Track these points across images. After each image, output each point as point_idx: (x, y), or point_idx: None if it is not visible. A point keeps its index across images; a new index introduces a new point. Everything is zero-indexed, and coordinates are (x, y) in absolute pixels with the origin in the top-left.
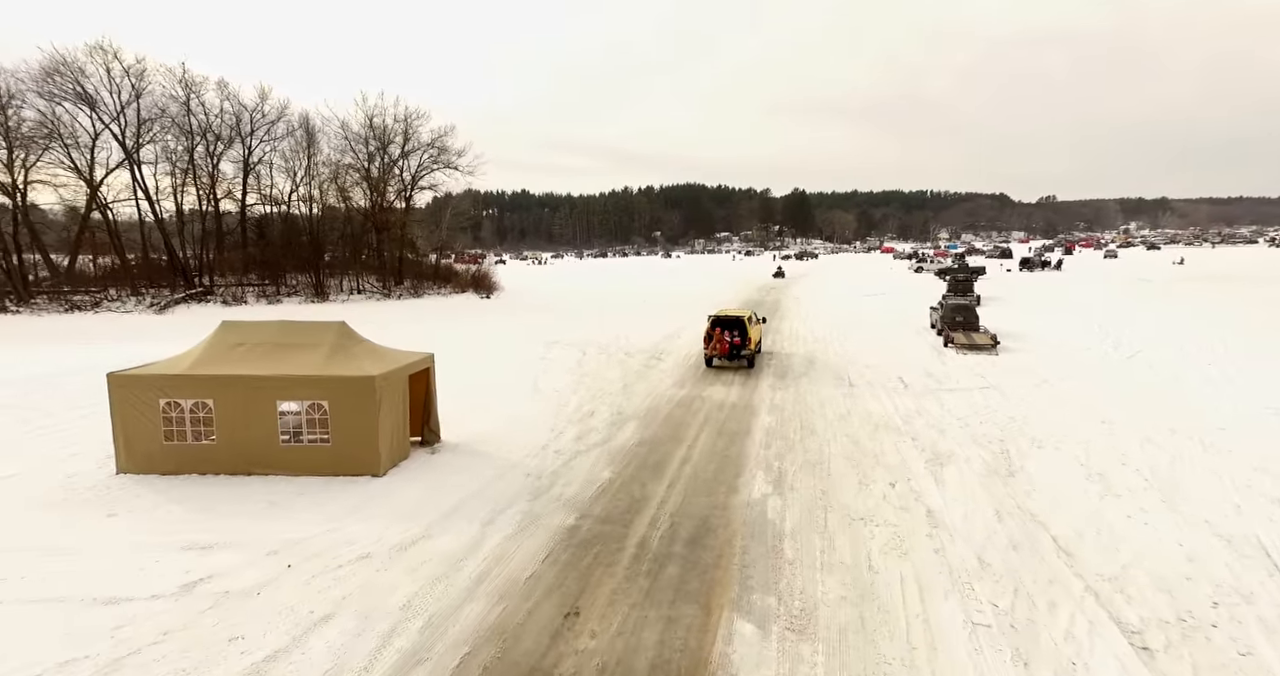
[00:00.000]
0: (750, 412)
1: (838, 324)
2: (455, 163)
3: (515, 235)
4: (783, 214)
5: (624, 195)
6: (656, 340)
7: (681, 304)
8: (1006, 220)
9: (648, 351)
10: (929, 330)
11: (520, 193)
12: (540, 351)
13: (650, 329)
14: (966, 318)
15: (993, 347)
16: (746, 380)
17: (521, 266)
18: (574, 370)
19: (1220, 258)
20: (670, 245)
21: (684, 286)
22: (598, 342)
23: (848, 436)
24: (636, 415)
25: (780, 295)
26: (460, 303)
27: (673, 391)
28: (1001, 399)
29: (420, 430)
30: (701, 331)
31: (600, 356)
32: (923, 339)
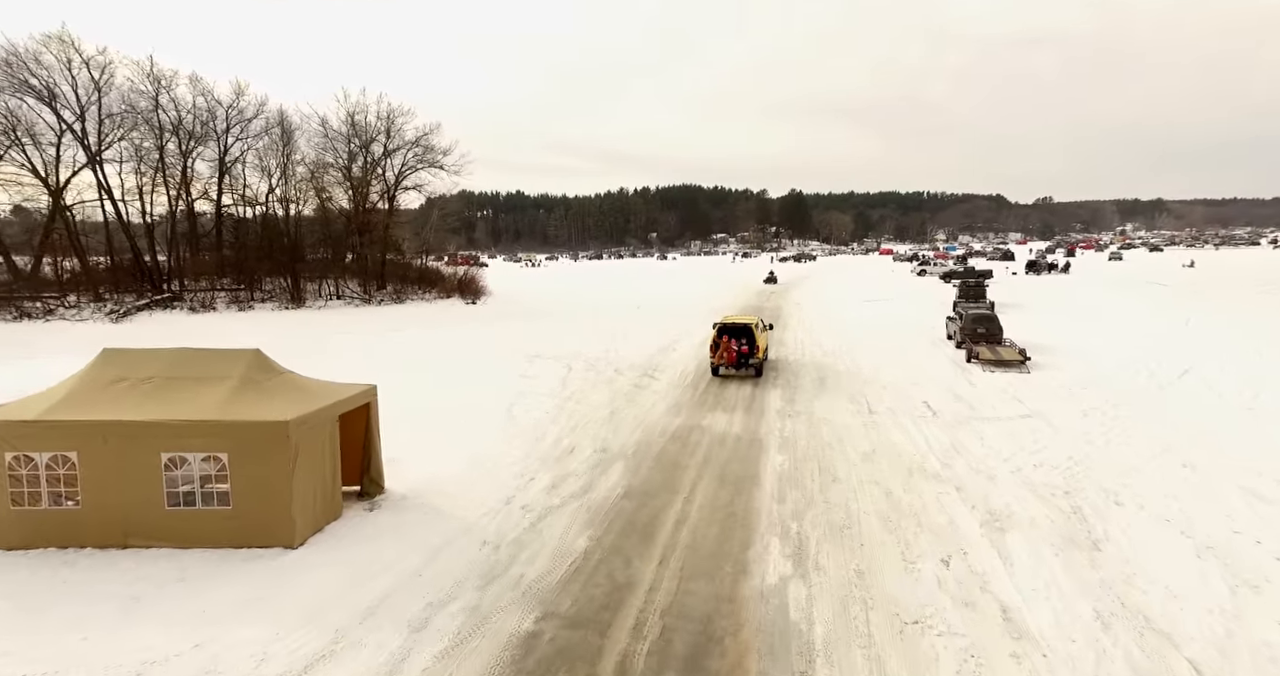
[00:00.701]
0: (757, 448)
1: (845, 333)
2: (441, 161)
3: (510, 236)
4: (779, 215)
5: (620, 196)
6: (650, 353)
7: (677, 310)
8: (1003, 221)
9: (640, 367)
10: (946, 342)
11: (515, 194)
12: (521, 367)
13: (643, 340)
14: (989, 329)
15: (1022, 364)
16: (751, 404)
17: (515, 269)
18: (556, 392)
19: (1228, 260)
20: (666, 247)
21: (680, 291)
22: (585, 356)
23: (877, 485)
24: (624, 453)
25: (781, 301)
26: (444, 309)
27: (667, 420)
28: (1050, 432)
29: (358, 479)
30: (699, 342)
31: (587, 374)
32: (941, 352)
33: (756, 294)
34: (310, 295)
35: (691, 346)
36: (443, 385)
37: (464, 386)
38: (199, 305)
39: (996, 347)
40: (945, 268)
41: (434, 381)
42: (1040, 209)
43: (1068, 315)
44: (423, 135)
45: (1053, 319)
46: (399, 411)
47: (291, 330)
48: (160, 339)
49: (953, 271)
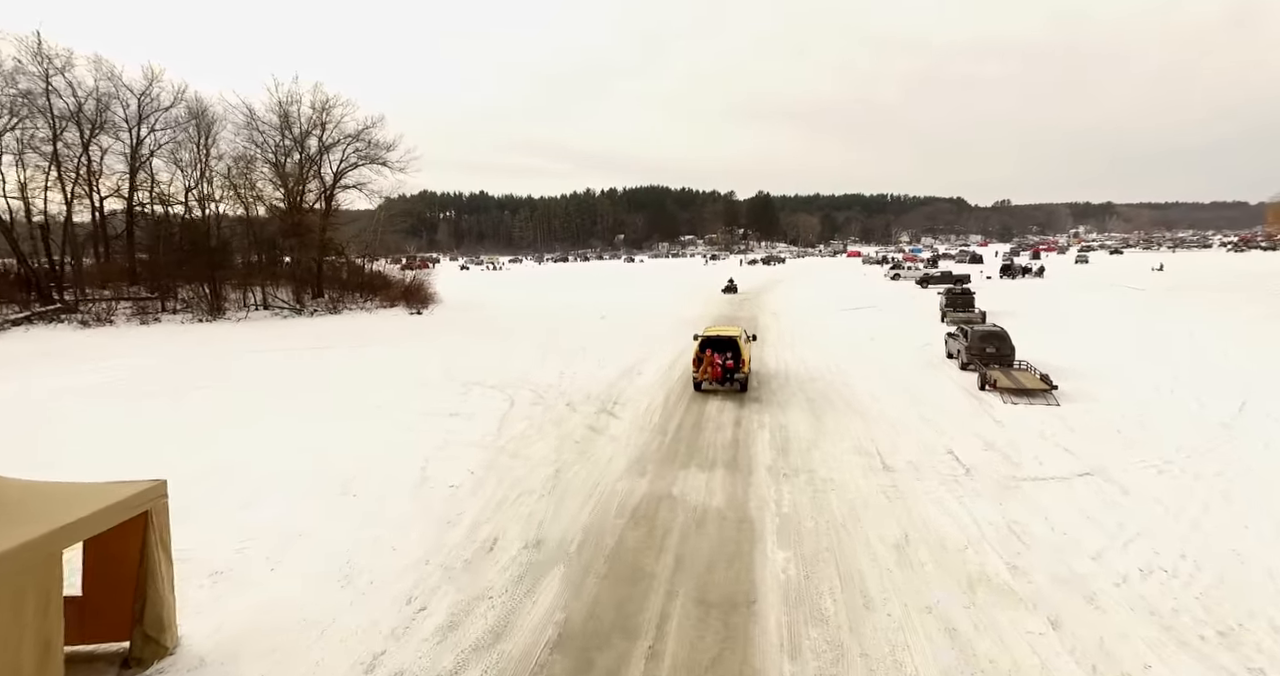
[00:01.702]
0: (748, 536)
1: (831, 350)
2: (384, 157)
3: (473, 238)
4: (747, 217)
5: (586, 197)
6: (611, 378)
7: (645, 321)
8: (964, 223)
9: (598, 399)
10: (947, 361)
11: (478, 194)
12: (453, 401)
13: (605, 359)
14: (999, 348)
15: (1048, 393)
16: (735, 456)
17: (475, 271)
18: (489, 439)
19: (1190, 263)
20: (634, 248)
21: (648, 297)
22: (534, 384)
23: (930, 613)
24: (565, 549)
25: (755, 309)
26: (384, 320)
27: (628, 485)
28: (1129, 503)
29: (127, 632)
30: (668, 362)
31: (533, 410)
32: (945, 374)
33: (728, 302)
34: (234, 305)
35: (660, 368)
36: (343, 432)
37: (373, 432)
38: (94, 318)
39: (1013, 373)
40: (919, 271)
41: (334, 426)
42: (999, 211)
43: (1066, 326)
44: (364, 128)
45: (1053, 331)
46: (273, 475)
47: (190, 349)
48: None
49: (929, 276)
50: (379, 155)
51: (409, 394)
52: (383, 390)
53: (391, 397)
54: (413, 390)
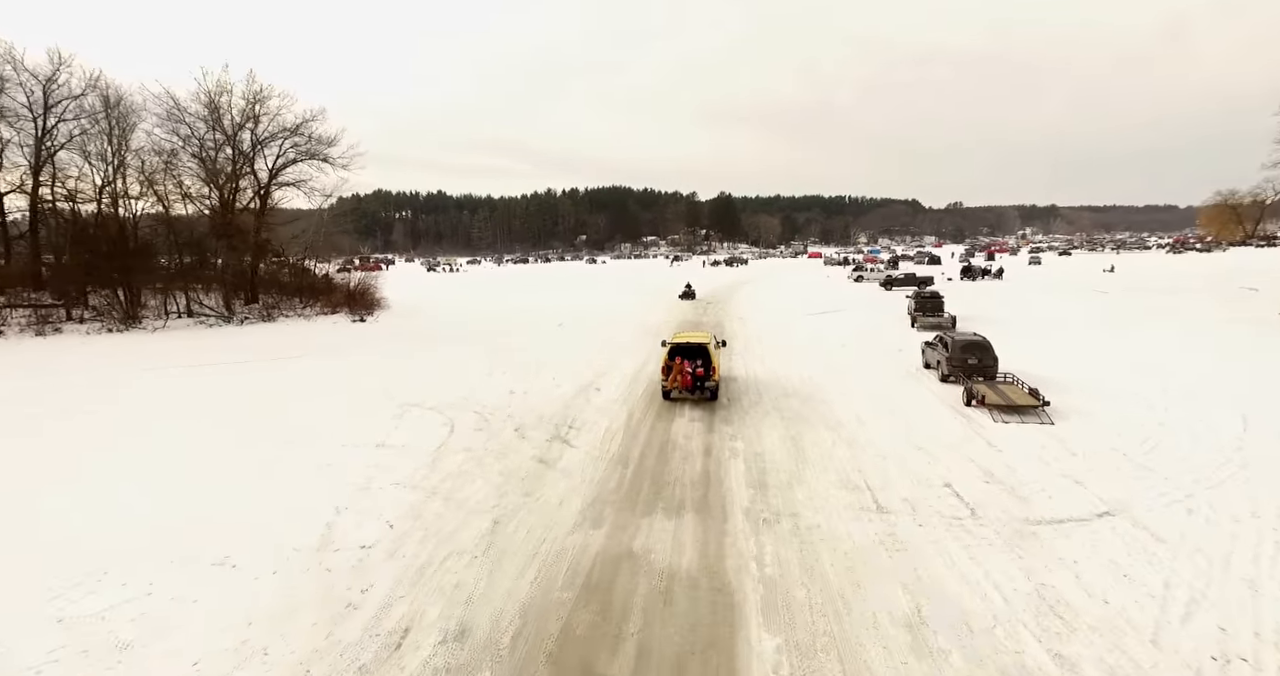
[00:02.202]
0: (728, 618)
1: (804, 359)
2: (326, 153)
3: (431, 238)
4: (709, 218)
5: (547, 197)
6: (567, 397)
7: (606, 327)
8: (919, 225)
9: (551, 422)
10: (926, 372)
11: (436, 194)
12: (384, 428)
13: (560, 374)
14: (982, 359)
15: (1040, 410)
16: (706, 496)
17: (431, 273)
18: (420, 478)
19: (1136, 265)
20: (596, 249)
21: (610, 301)
22: (480, 405)
23: None
24: (495, 643)
25: (721, 314)
26: (322, 329)
27: (580, 540)
28: (1164, 551)
29: None
30: (631, 375)
31: (475, 437)
32: (925, 387)
33: (691, 307)
34: (153, 313)
35: (622, 383)
36: (240, 472)
37: (278, 473)
38: None
39: (1000, 387)
40: (881, 273)
41: (228, 464)
42: (952, 213)
43: (1039, 332)
44: (303, 122)
45: (1027, 337)
46: (124, 541)
47: (79, 366)
48: None
49: (893, 278)
50: (320, 151)
51: (334, 419)
52: (302, 415)
53: (311, 425)
54: (339, 414)
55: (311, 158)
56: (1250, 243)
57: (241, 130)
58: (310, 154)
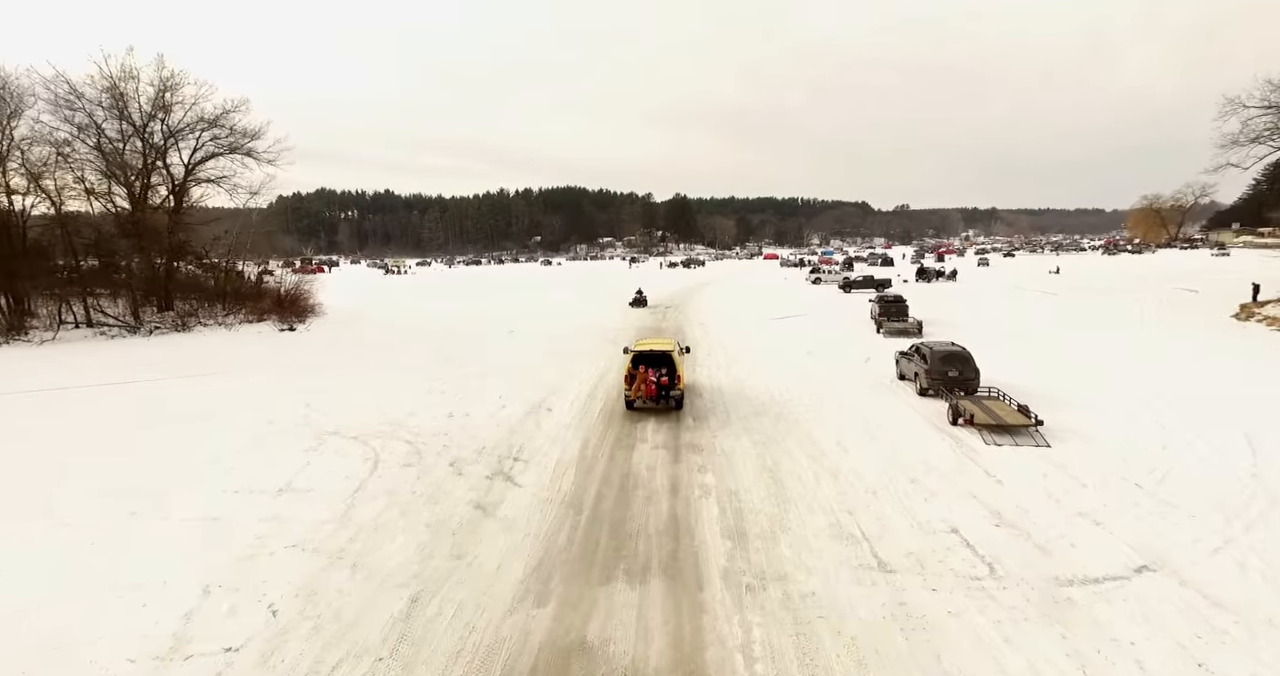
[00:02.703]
0: None
1: (772, 370)
2: (249, 147)
3: (378, 239)
4: (665, 219)
5: (500, 197)
6: (515, 419)
7: (561, 335)
8: (869, 226)
9: (495, 452)
10: (901, 385)
11: (384, 193)
12: (292, 466)
13: (510, 391)
14: (963, 372)
15: (1032, 429)
16: (675, 552)
17: (377, 276)
18: (324, 534)
19: (1078, 266)
20: (551, 250)
21: (566, 306)
22: (414, 431)
23: None
24: None
25: (681, 319)
26: (244, 339)
27: (520, 627)
28: (1231, 624)
29: None
30: (588, 392)
31: (402, 476)
32: (903, 402)
33: (650, 311)
34: (44, 322)
35: (577, 401)
36: (97, 533)
37: (144, 534)
38: None
39: (987, 404)
40: (838, 275)
41: (85, 519)
42: (900, 215)
43: (1007, 337)
44: (224, 113)
45: (996, 344)
46: None
47: None
48: None
49: (851, 281)
50: (242, 144)
51: (230, 456)
52: (191, 451)
53: (199, 464)
54: (239, 449)
55: (233, 152)
56: (1174, 245)
57: (152, 121)
58: (232, 148)
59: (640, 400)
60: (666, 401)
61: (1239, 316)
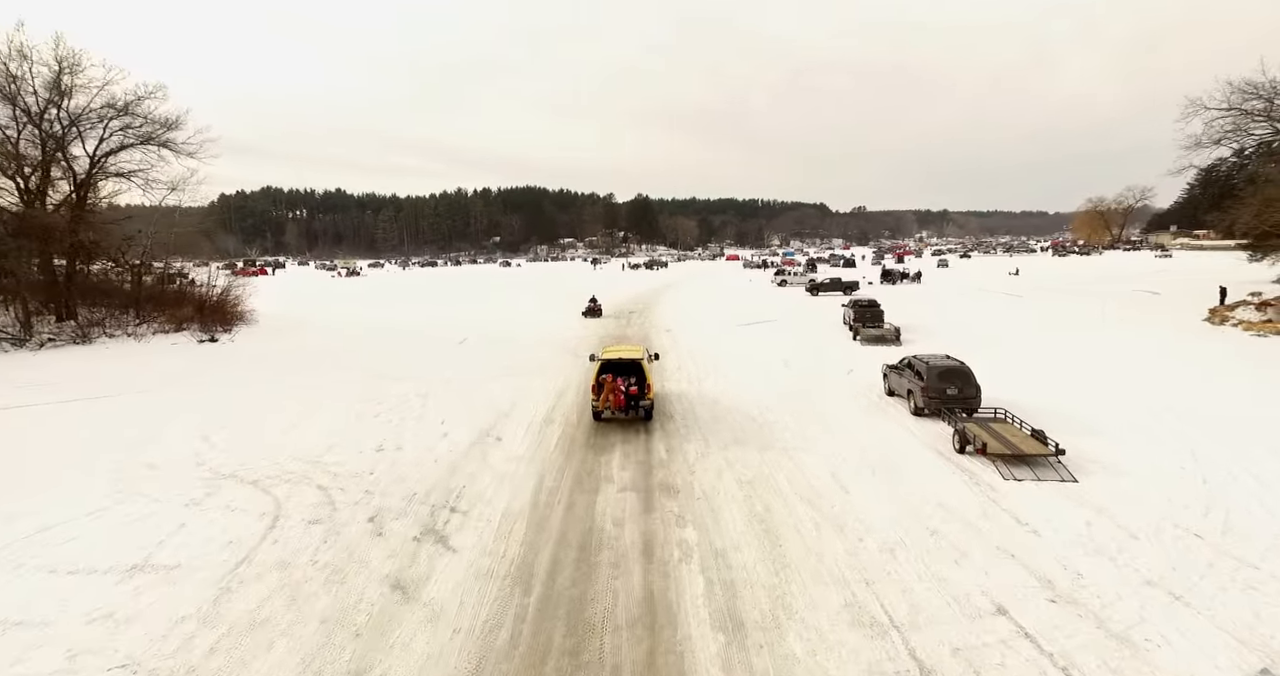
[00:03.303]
0: None
1: (747, 385)
2: (166, 138)
3: (329, 239)
4: (627, 219)
5: (458, 197)
6: (457, 453)
7: (516, 345)
8: (828, 227)
9: (427, 500)
10: (891, 401)
11: (335, 192)
12: (162, 525)
13: (455, 413)
14: (963, 390)
15: (1053, 459)
16: (654, 643)
17: (325, 278)
18: (173, 646)
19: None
20: (510, 252)
21: (524, 311)
22: (331, 470)
23: None
24: None
25: (647, 326)
26: (154, 353)
27: None
28: None
29: None
30: (544, 415)
31: (304, 538)
32: (896, 423)
33: (614, 318)
34: None
35: (532, 427)
36: None
37: None
38: None
39: (996, 428)
40: (803, 276)
41: None
42: (857, 217)
43: (988, 344)
44: (136, 100)
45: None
46: None
47: None
48: None
49: (818, 283)
50: (158, 135)
51: (82, 516)
52: (29, 508)
53: (28, 531)
54: (97, 504)
55: (147, 143)
56: (1117, 246)
57: (50, 106)
58: (147, 138)
59: (609, 411)
60: (636, 411)
61: (1212, 320)
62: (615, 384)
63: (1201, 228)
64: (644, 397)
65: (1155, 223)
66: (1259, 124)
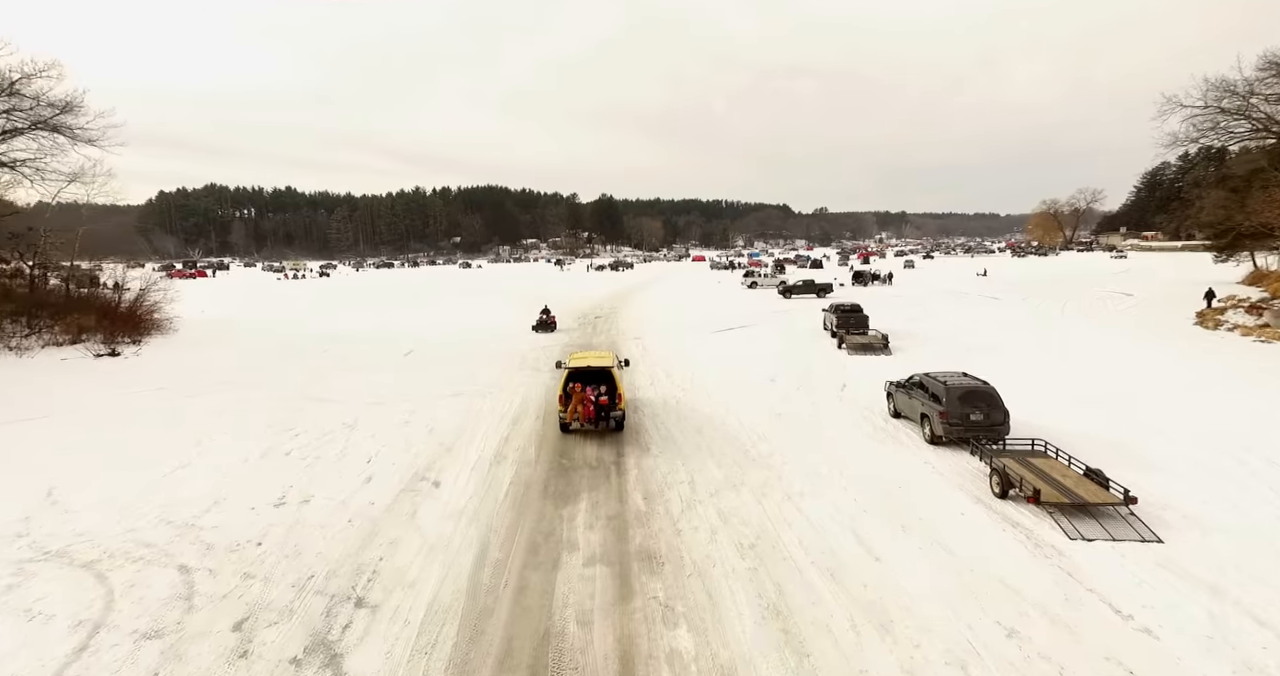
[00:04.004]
0: None
1: (731, 407)
2: (59, 122)
3: (279, 240)
4: (591, 220)
5: (416, 196)
6: (379, 505)
7: (471, 353)
8: (790, 228)
9: (327, 584)
10: (897, 424)
11: (285, 190)
12: None
13: (384, 447)
14: (989, 415)
15: (1124, 507)
16: None
17: (269, 281)
18: None
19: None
20: (471, 252)
21: (483, 316)
22: (201, 540)
23: None
24: None
25: (615, 333)
26: (29, 373)
27: None
28: None
29: None
30: (494, 449)
31: (124, 667)
32: (913, 455)
33: (579, 324)
34: None
35: (479, 468)
36: None
37: None
38: None
39: (1038, 465)
40: (774, 278)
41: None
42: (819, 218)
43: (972, 350)
44: (20, 79)
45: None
46: None
47: None
48: None
49: (792, 286)
50: (49, 118)
51: None
52: None
53: None
54: None
55: (37, 127)
56: (1071, 247)
57: None
58: (36, 122)
59: (577, 422)
60: (606, 422)
61: (1204, 324)
62: (584, 394)
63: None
64: (615, 408)
65: (1105, 224)
66: (1237, 122)
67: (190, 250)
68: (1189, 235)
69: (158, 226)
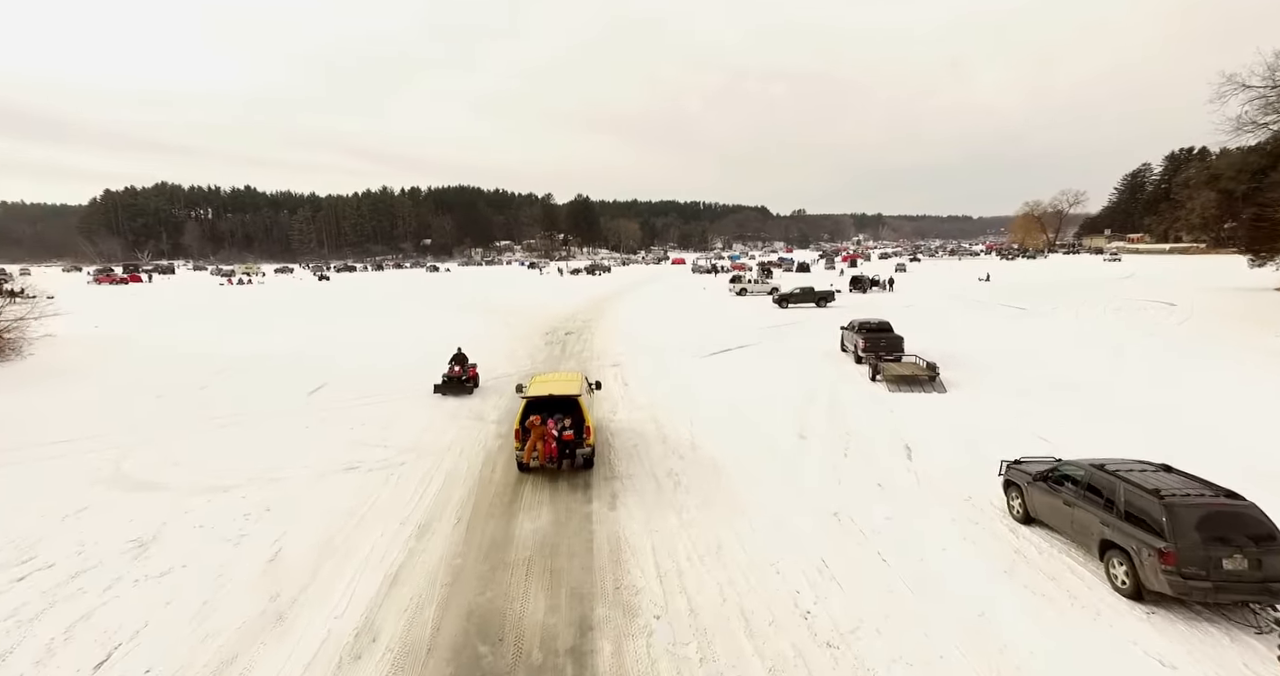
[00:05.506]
0: None
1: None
2: None
3: (238, 241)
4: (567, 221)
5: (383, 196)
6: None
7: (399, 392)
8: (769, 230)
9: None
10: (1040, 542)
11: (244, 190)
12: None
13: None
14: (1263, 560)
15: None
16: None
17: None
18: None
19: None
20: (441, 254)
21: (436, 331)
22: None
23: None
24: None
25: (588, 355)
26: None
27: None
28: None
29: None
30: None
31: None
32: (1112, 629)
33: (544, 335)
34: None
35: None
36: None
37: None
38: None
39: None
40: (764, 284)
41: None
42: (797, 220)
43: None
44: None
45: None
46: None
47: None
48: None
49: (788, 295)
50: None
51: None
52: None
53: None
54: None
55: None
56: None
57: None
58: None
59: (536, 460)
60: (571, 460)
61: None
62: (545, 428)
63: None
64: (581, 444)
65: (1088, 226)
66: None
67: (138, 252)
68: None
69: (103, 227)
